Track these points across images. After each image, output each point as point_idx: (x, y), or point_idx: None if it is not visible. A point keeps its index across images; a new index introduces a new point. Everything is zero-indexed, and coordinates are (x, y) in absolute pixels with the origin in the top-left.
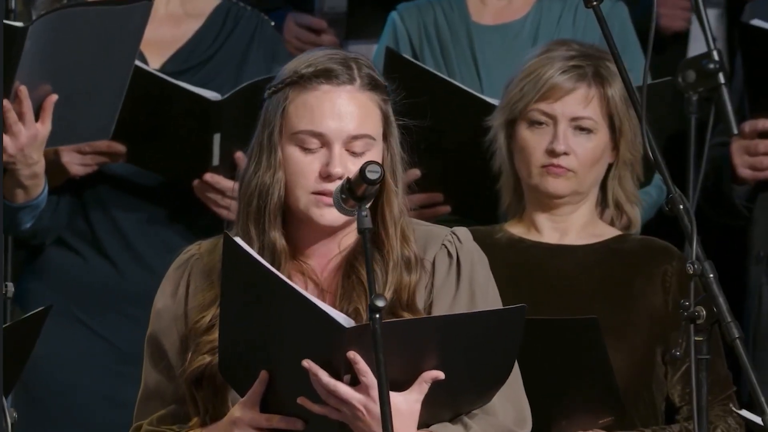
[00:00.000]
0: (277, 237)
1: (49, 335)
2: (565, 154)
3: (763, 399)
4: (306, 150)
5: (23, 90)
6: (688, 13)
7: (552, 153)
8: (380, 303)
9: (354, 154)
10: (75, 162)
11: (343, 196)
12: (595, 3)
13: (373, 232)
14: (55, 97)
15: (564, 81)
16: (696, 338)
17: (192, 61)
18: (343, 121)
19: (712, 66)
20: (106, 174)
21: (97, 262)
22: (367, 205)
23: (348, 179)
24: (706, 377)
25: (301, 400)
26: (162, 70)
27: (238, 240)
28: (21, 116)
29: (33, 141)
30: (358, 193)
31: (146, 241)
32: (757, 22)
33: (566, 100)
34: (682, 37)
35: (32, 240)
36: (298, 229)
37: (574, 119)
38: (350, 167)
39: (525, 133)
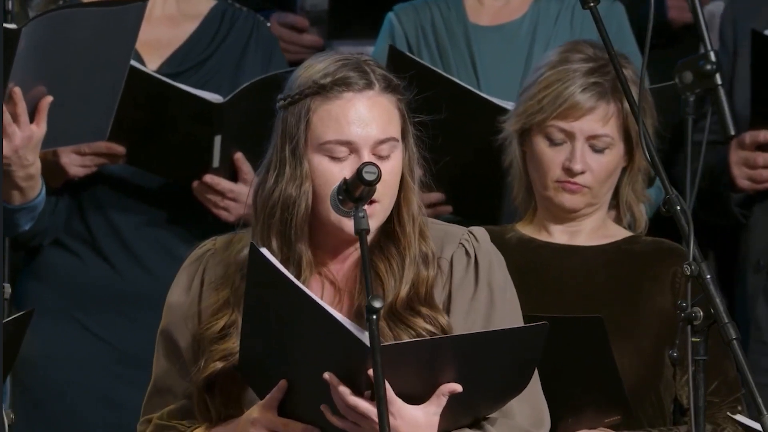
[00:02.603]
0: (304, 250)
1: (47, 336)
2: (582, 172)
3: (760, 399)
4: (335, 159)
5: (17, 91)
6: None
7: (568, 171)
8: (377, 304)
9: (381, 158)
10: (74, 163)
11: (341, 197)
12: (592, 4)
13: (390, 228)
14: (50, 98)
15: (585, 100)
16: (693, 339)
17: (189, 62)
18: (368, 126)
19: (709, 67)
20: (105, 175)
21: (95, 263)
22: (364, 206)
23: (345, 180)
24: (704, 378)
25: (323, 408)
26: (159, 71)
27: (264, 251)
28: (15, 118)
29: (28, 142)
30: (356, 195)
31: (144, 243)
32: None
33: (586, 118)
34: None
35: (30, 241)
36: (323, 239)
37: (591, 137)
38: None
39: (542, 147)
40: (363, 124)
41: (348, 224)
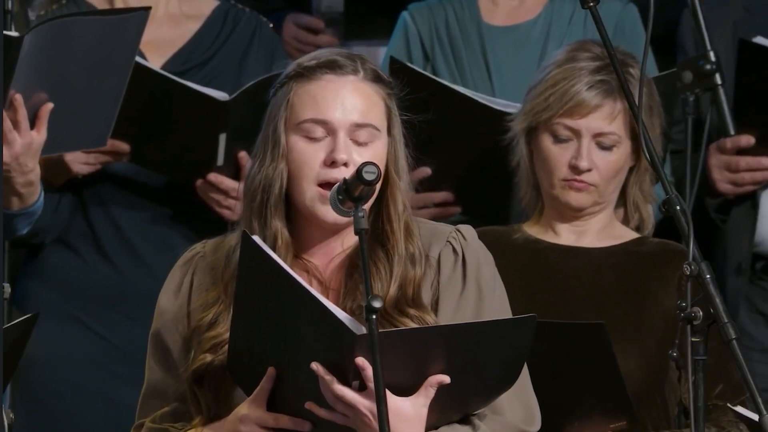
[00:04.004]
0: (279, 227)
1: (48, 336)
2: (588, 170)
3: (760, 399)
4: (311, 139)
5: (18, 98)
6: None
7: (575, 169)
8: (377, 304)
9: (358, 143)
10: (78, 161)
11: (340, 197)
12: (591, 4)
13: (377, 227)
14: (50, 105)
15: (591, 98)
16: (693, 339)
17: (192, 62)
18: (347, 109)
19: (708, 67)
20: (109, 173)
21: (97, 262)
22: (364, 206)
23: (345, 180)
24: (705, 379)
25: (309, 406)
26: (162, 70)
27: (257, 239)
28: (16, 124)
29: (28, 149)
30: (355, 194)
31: (147, 242)
32: (760, 40)
33: (592, 116)
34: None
35: (32, 239)
36: (303, 227)
37: (598, 135)
38: (354, 156)
39: (548, 145)
40: (341, 107)
41: (321, 209)
